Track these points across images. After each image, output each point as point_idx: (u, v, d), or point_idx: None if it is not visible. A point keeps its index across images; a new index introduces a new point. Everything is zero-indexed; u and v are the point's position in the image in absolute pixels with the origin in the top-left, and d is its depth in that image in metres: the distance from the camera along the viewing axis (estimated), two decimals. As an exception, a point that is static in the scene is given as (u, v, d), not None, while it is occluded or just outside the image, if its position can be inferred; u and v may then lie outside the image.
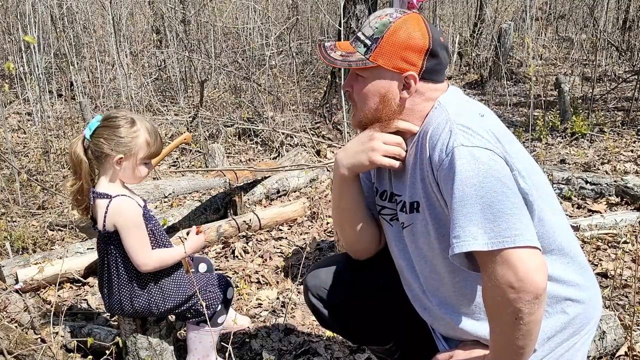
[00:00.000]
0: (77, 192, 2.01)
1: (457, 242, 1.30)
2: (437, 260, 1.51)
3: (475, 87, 7.48)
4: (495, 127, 1.43)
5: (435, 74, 1.51)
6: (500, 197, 1.29)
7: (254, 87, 6.50)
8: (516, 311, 1.26)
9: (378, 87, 1.51)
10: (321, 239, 3.47)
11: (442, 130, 1.40)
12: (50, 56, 6.33)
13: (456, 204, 1.31)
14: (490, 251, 1.27)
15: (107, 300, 2.09)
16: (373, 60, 1.48)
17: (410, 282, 1.65)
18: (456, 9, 10.33)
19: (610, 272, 2.83)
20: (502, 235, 1.26)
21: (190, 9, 7.69)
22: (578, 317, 1.51)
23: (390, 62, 1.48)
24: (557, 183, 3.83)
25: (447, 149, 1.36)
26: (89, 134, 1.96)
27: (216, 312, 2.16)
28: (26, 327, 2.56)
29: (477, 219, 1.29)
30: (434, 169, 1.40)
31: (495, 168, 1.32)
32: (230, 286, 2.23)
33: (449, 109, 1.46)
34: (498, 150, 1.35)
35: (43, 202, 4.10)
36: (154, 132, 2.00)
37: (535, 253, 1.28)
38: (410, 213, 1.53)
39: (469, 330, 1.53)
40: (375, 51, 1.48)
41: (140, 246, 1.97)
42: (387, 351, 1.93)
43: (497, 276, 1.27)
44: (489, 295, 1.32)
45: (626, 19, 8.88)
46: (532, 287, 1.25)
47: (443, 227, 1.45)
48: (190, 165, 5.02)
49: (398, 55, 1.47)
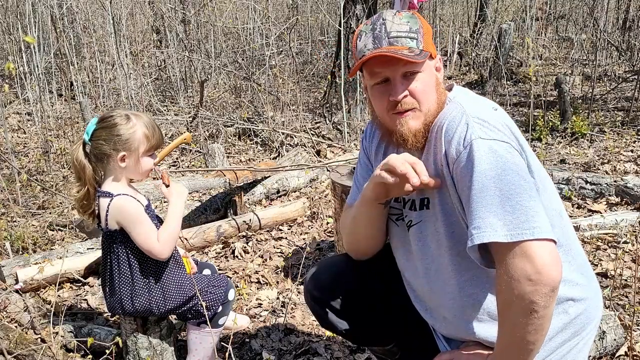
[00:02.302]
0: (83, 198, 2.00)
1: (476, 233, 1.30)
2: (444, 259, 1.51)
3: (475, 87, 7.47)
4: (508, 121, 1.45)
5: None
6: (519, 190, 1.30)
7: (254, 87, 6.50)
8: (532, 304, 1.26)
9: (431, 77, 1.51)
10: (321, 239, 3.47)
11: (458, 123, 1.40)
12: (50, 56, 6.33)
13: (475, 195, 1.32)
14: (508, 243, 1.27)
15: (108, 299, 2.09)
16: (425, 49, 1.48)
17: (413, 282, 1.65)
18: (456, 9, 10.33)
19: (610, 272, 2.83)
20: (521, 227, 1.27)
21: (190, 9, 7.69)
22: (579, 317, 1.51)
23: (432, 48, 1.51)
24: (557, 183, 3.82)
25: (465, 141, 1.36)
26: (88, 137, 1.96)
27: (217, 314, 2.16)
28: (26, 327, 2.56)
29: (497, 210, 1.29)
30: (450, 163, 1.40)
31: (512, 161, 1.33)
32: (232, 288, 2.23)
33: (463, 103, 1.46)
34: (514, 143, 1.37)
35: (43, 202, 4.10)
36: (151, 124, 2.00)
37: (552, 246, 1.29)
38: (420, 210, 1.54)
39: (472, 332, 1.52)
40: (424, 41, 1.48)
41: (151, 238, 1.97)
42: (388, 352, 1.93)
43: (514, 268, 1.27)
44: (505, 289, 1.31)
45: (626, 19, 8.88)
46: (549, 279, 1.25)
47: (453, 224, 1.45)
48: (190, 165, 5.02)
49: (431, 42, 1.51)
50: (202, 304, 2.06)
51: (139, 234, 1.96)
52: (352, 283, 1.78)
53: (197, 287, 2.08)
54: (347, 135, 5.43)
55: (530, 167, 1.40)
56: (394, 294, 1.73)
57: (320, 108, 6.19)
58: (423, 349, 1.71)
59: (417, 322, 1.67)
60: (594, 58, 7.06)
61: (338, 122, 5.74)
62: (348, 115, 5.62)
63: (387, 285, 1.75)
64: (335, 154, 5.15)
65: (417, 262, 1.60)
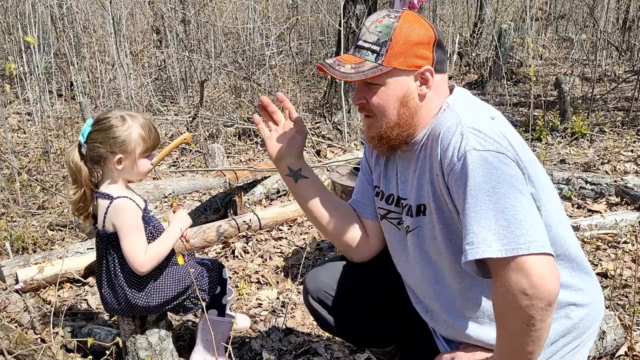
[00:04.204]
0: (80, 200, 1.99)
1: (470, 249, 1.28)
2: (443, 265, 1.50)
3: (475, 87, 7.47)
4: (506, 130, 1.40)
5: (443, 64, 1.50)
6: (514, 203, 1.27)
7: (254, 87, 6.50)
8: (528, 318, 1.24)
9: (396, 91, 1.47)
10: (321, 239, 3.47)
11: (453, 133, 1.37)
12: (50, 56, 6.33)
13: (469, 210, 1.29)
14: (503, 258, 1.25)
15: (105, 300, 2.08)
16: (387, 64, 1.44)
17: (413, 285, 1.65)
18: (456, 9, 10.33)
19: (610, 272, 2.83)
20: (516, 242, 1.24)
21: (190, 9, 7.69)
22: (582, 322, 1.50)
23: (405, 61, 1.44)
24: (557, 183, 3.82)
25: (459, 153, 1.33)
26: (83, 139, 1.95)
27: (216, 295, 2.17)
28: (26, 327, 2.56)
29: (491, 225, 1.26)
30: (445, 174, 1.37)
31: (508, 173, 1.30)
32: (223, 267, 2.24)
33: (459, 112, 1.43)
34: (510, 153, 1.33)
35: (43, 202, 4.10)
36: (147, 125, 1.98)
37: (549, 260, 1.25)
38: (416, 216, 1.52)
39: (472, 334, 1.51)
40: (387, 55, 1.44)
41: (138, 249, 1.95)
42: (388, 353, 1.92)
43: (510, 283, 1.24)
44: (500, 302, 1.29)
45: (626, 19, 8.88)
46: (546, 294, 1.22)
47: (451, 231, 1.43)
48: (190, 165, 5.02)
49: (411, 53, 1.44)
50: (197, 294, 2.08)
51: (129, 240, 1.94)
52: (351, 284, 1.78)
53: (192, 275, 2.08)
54: (347, 135, 5.43)
55: (529, 177, 1.35)
56: (393, 295, 1.73)
57: (320, 108, 6.19)
58: (423, 350, 1.71)
59: (417, 323, 1.67)
60: (594, 58, 7.06)
61: (338, 122, 5.74)
62: (348, 115, 5.62)
63: (386, 286, 1.75)
64: (335, 154, 5.15)
65: (415, 267, 1.59)
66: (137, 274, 2.00)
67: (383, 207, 1.67)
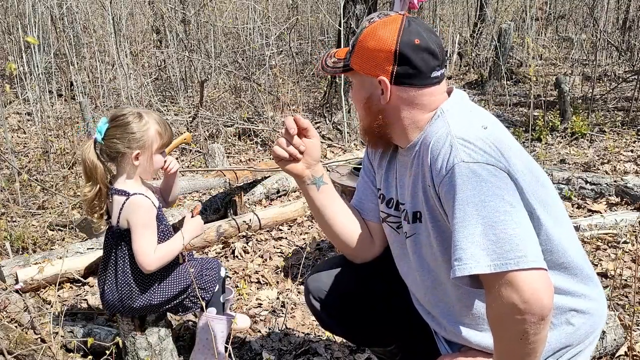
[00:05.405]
0: (95, 198, 1.99)
1: (458, 265, 1.25)
2: (440, 272, 1.49)
3: (475, 87, 7.47)
4: (499, 139, 1.35)
5: (414, 78, 1.42)
6: (503, 217, 1.24)
7: (254, 87, 6.51)
8: (521, 331, 1.23)
9: (362, 93, 1.50)
10: (321, 239, 3.47)
11: (442, 144, 1.34)
12: (50, 56, 6.33)
13: (457, 224, 1.26)
14: (493, 273, 1.22)
15: (105, 298, 2.08)
16: (352, 65, 1.48)
17: (414, 289, 1.65)
18: (456, 9, 10.33)
19: (610, 272, 2.83)
20: (505, 257, 1.21)
21: (190, 9, 7.69)
22: (583, 327, 1.49)
23: (363, 66, 1.45)
24: (557, 183, 3.83)
25: (448, 165, 1.30)
26: (101, 137, 1.96)
27: (215, 293, 2.18)
28: (26, 327, 2.56)
29: (479, 240, 1.23)
30: (435, 184, 1.35)
31: (497, 185, 1.26)
32: (221, 266, 2.26)
33: (450, 121, 1.39)
34: (501, 164, 1.29)
35: (43, 202, 4.09)
36: (162, 121, 2.02)
37: (541, 274, 1.22)
38: (413, 223, 1.50)
39: (472, 340, 1.51)
40: (352, 55, 1.48)
41: (148, 248, 1.97)
42: (389, 353, 1.92)
43: (501, 297, 1.22)
44: (493, 315, 1.28)
45: (626, 19, 8.88)
46: (538, 309, 1.20)
47: (446, 240, 1.40)
48: (190, 165, 5.02)
49: (369, 59, 1.43)
50: (197, 293, 2.09)
51: (141, 238, 1.96)
52: (352, 284, 1.77)
53: (192, 274, 2.09)
54: (347, 135, 5.43)
55: (524, 188, 1.31)
56: (395, 295, 1.73)
57: (320, 108, 6.19)
58: (424, 350, 1.71)
59: (419, 323, 1.66)
60: (594, 58, 7.07)
61: (338, 122, 5.74)
62: (348, 115, 5.62)
63: (388, 286, 1.75)
64: (335, 154, 5.15)
65: (415, 272, 1.59)
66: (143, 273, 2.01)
67: (384, 211, 1.66)
